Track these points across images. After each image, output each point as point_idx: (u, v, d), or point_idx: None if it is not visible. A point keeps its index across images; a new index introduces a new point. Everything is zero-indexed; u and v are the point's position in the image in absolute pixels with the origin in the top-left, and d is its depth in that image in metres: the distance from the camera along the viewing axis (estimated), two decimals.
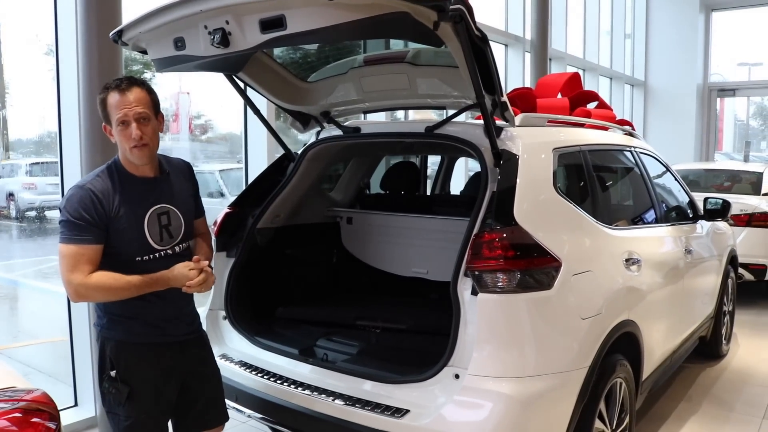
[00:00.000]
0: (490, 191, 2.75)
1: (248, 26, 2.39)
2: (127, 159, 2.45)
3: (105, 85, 2.43)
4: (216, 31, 2.44)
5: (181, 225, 2.56)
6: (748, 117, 19.11)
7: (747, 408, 4.48)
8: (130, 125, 2.36)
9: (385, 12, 2.17)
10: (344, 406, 2.75)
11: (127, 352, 2.48)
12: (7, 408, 1.56)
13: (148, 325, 2.51)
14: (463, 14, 2.26)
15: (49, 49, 5.86)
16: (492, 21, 8.97)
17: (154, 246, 2.47)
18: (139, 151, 2.40)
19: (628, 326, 3.15)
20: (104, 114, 2.42)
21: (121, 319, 2.47)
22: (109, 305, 2.44)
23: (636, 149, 4.25)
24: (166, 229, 2.51)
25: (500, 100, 2.75)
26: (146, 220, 2.45)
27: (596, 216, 3.21)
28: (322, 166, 3.85)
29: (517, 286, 2.55)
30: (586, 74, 12.03)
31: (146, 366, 2.49)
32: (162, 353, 2.54)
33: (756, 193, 7.65)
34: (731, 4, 14.72)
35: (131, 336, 2.49)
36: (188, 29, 2.55)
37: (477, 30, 2.39)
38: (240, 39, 2.44)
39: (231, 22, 2.41)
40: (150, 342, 2.52)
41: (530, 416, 2.54)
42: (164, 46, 2.69)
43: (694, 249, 4.42)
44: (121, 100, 2.36)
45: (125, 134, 2.38)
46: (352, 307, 3.68)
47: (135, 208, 2.43)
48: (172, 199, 2.55)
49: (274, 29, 2.33)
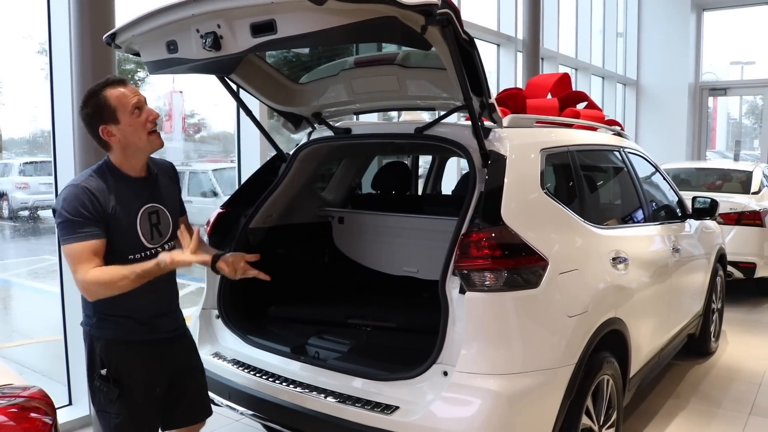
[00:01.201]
0: (478, 191, 2.79)
1: (239, 30, 2.42)
2: (127, 157, 2.47)
3: (95, 87, 2.42)
4: (208, 35, 2.47)
5: (169, 224, 2.60)
6: (740, 115, 19.22)
7: (734, 404, 4.55)
8: (144, 107, 2.42)
9: (373, 16, 2.21)
10: (335, 403, 2.79)
11: (117, 351, 2.49)
12: (5, 404, 1.60)
13: (140, 322, 2.53)
14: (450, 18, 2.30)
15: (42, 48, 5.87)
16: (484, 21, 9.01)
17: (146, 244, 2.50)
18: (156, 136, 2.46)
19: (615, 324, 3.20)
20: (104, 113, 2.38)
21: (111, 318, 2.48)
22: (99, 304, 2.44)
23: (624, 149, 4.30)
24: (156, 228, 2.54)
25: (488, 101, 2.79)
26: (138, 218, 2.48)
27: (584, 215, 3.26)
28: (313, 166, 3.89)
29: (504, 284, 2.59)
30: (578, 73, 12.10)
31: (137, 364, 2.51)
32: (152, 350, 2.56)
33: (745, 191, 7.73)
34: (722, 3, 14.83)
35: (122, 334, 2.50)
36: (180, 33, 2.58)
37: (464, 33, 2.43)
38: (231, 42, 2.47)
39: (222, 26, 2.44)
40: (141, 339, 2.54)
41: (517, 412, 2.59)
42: (157, 49, 2.72)
43: (682, 247, 4.47)
44: (128, 90, 2.41)
45: (140, 120, 2.41)
46: (344, 306, 3.73)
47: (128, 207, 2.46)
48: (161, 199, 2.59)
49: (264, 33, 2.36)
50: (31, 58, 6.25)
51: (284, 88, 3.53)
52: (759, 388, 4.81)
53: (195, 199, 10.79)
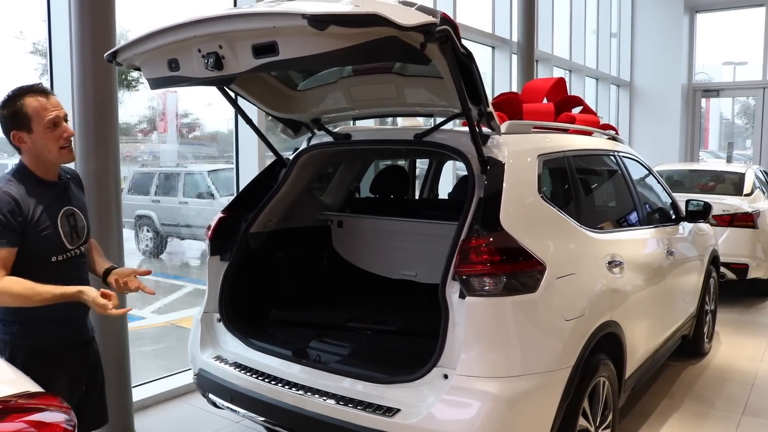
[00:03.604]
0: (477, 197, 2.84)
1: (241, 51, 2.44)
2: (39, 164, 2.49)
3: (17, 90, 2.44)
4: (210, 55, 2.50)
5: (84, 226, 2.65)
6: (733, 116, 19.32)
7: (727, 405, 4.61)
8: (60, 125, 2.45)
9: (374, 38, 2.23)
10: (336, 405, 2.83)
11: (40, 358, 2.47)
12: (25, 411, 1.63)
13: (65, 325, 2.56)
14: (448, 34, 2.33)
15: (36, 48, 5.85)
16: (479, 23, 9.06)
17: (67, 246, 2.54)
18: (67, 151, 2.50)
19: (611, 327, 3.26)
20: (17, 119, 2.41)
21: (36, 323, 2.46)
22: (23, 310, 2.40)
23: (619, 153, 4.35)
24: (74, 230, 2.59)
25: (486, 110, 2.84)
26: (59, 221, 2.52)
27: (580, 220, 3.31)
28: (313, 171, 3.93)
29: (503, 289, 2.64)
30: (572, 75, 12.15)
31: (61, 369, 2.52)
32: (73, 353, 2.60)
33: (738, 193, 7.80)
34: (714, 6, 14.92)
35: (47, 339, 2.50)
36: (182, 52, 2.61)
37: (462, 47, 2.47)
38: (233, 63, 2.49)
39: (224, 47, 2.47)
40: (65, 343, 2.56)
41: (516, 414, 2.63)
42: (158, 67, 2.75)
43: (676, 250, 4.54)
44: (48, 103, 2.43)
45: (55, 135, 2.44)
46: (344, 310, 3.77)
47: (50, 210, 2.49)
48: (76, 203, 2.64)
49: (267, 55, 2.39)
50: (23, 58, 6.21)
51: (283, 95, 3.56)
52: (752, 388, 4.88)
53: (191, 201, 10.80)
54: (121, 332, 3.96)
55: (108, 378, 2.96)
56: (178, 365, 4.97)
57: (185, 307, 8.11)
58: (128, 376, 4.05)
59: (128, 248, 7.70)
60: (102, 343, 3.67)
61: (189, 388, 4.57)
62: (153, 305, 8.22)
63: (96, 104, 3.72)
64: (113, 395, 3.37)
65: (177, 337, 6.88)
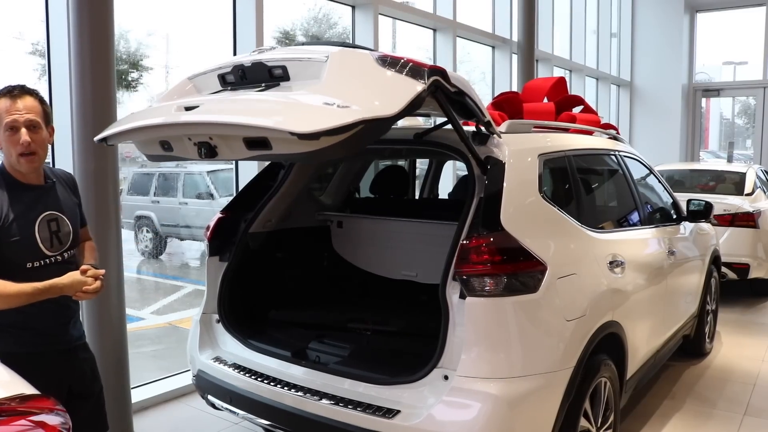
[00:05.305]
0: (477, 197, 2.82)
1: (233, 143, 2.39)
2: (13, 167, 2.45)
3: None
4: (202, 144, 2.46)
5: (69, 232, 2.58)
6: (733, 115, 19.33)
7: (729, 405, 4.59)
8: (19, 131, 2.37)
9: (368, 126, 2.16)
10: (336, 406, 2.82)
11: (14, 365, 2.36)
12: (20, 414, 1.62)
13: (40, 333, 2.48)
14: (438, 84, 2.35)
15: (35, 49, 5.85)
16: (479, 23, 9.05)
17: (45, 252, 2.47)
18: (26, 160, 2.41)
19: (612, 327, 3.24)
20: None
21: (10, 330, 2.41)
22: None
23: (620, 153, 4.33)
24: (56, 236, 2.52)
25: (485, 121, 2.82)
26: (37, 226, 2.45)
27: (581, 220, 3.30)
28: (312, 171, 3.91)
29: (503, 289, 2.63)
30: (572, 75, 12.14)
31: (36, 377, 2.38)
32: (50, 362, 2.50)
33: (739, 193, 7.79)
34: (715, 5, 14.91)
35: (21, 347, 2.42)
36: (173, 139, 2.60)
37: (452, 87, 2.45)
38: (227, 152, 2.45)
39: (215, 139, 2.43)
40: (40, 351, 2.47)
41: (517, 415, 2.62)
42: (152, 148, 2.75)
43: (678, 250, 4.52)
44: (12, 106, 2.37)
45: (13, 140, 2.38)
46: (344, 310, 3.75)
47: (26, 215, 2.43)
48: (60, 207, 2.57)
49: (259, 148, 2.32)
50: (23, 59, 6.20)
51: None
52: (753, 388, 4.86)
53: (191, 201, 10.80)
54: (120, 333, 3.94)
55: (107, 379, 2.93)
56: (178, 366, 4.95)
57: (185, 307, 8.10)
58: (127, 377, 4.03)
59: (128, 249, 7.69)
60: (101, 344, 3.68)
61: (188, 390, 4.56)
62: (152, 306, 8.22)
63: (95, 104, 3.70)
64: (112, 397, 3.35)
65: (176, 337, 6.87)
